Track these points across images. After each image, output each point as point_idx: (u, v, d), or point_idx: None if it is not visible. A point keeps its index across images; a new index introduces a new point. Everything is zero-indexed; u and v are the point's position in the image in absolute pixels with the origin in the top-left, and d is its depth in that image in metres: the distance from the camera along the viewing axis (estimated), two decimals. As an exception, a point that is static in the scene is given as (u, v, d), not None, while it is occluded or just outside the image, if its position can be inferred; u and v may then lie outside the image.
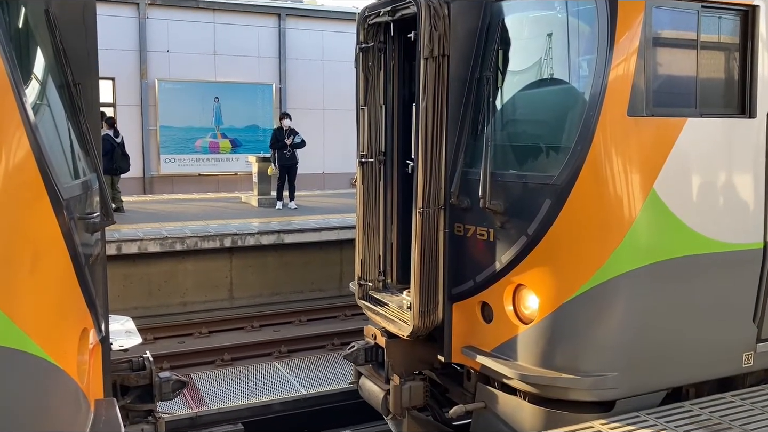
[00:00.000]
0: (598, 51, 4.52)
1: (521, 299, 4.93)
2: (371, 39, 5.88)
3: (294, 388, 8.81)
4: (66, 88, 3.98)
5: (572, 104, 4.74)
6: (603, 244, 4.59)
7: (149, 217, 14.43)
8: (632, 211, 4.56)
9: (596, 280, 4.59)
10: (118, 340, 4.98)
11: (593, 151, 4.49)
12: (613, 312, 4.69)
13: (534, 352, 4.84)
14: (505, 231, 4.88)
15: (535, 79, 5.02)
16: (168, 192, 19.78)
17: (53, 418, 3.34)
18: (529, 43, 5.12)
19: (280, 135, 15.46)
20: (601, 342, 4.71)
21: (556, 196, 4.59)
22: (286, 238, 13.04)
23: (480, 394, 5.32)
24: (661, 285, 4.74)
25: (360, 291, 6.09)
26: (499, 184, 4.86)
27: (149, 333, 11.07)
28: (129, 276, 12.36)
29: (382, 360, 5.85)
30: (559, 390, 4.77)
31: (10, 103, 3.00)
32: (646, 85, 4.56)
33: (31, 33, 3.71)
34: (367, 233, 6.04)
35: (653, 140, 4.61)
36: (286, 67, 21.29)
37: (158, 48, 19.78)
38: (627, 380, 4.72)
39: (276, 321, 12.07)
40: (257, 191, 16.26)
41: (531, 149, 5.02)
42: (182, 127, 20.11)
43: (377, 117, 5.98)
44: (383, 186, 6.05)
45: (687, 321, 4.87)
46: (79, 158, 4.00)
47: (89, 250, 3.88)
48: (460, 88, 5.14)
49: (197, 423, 8.03)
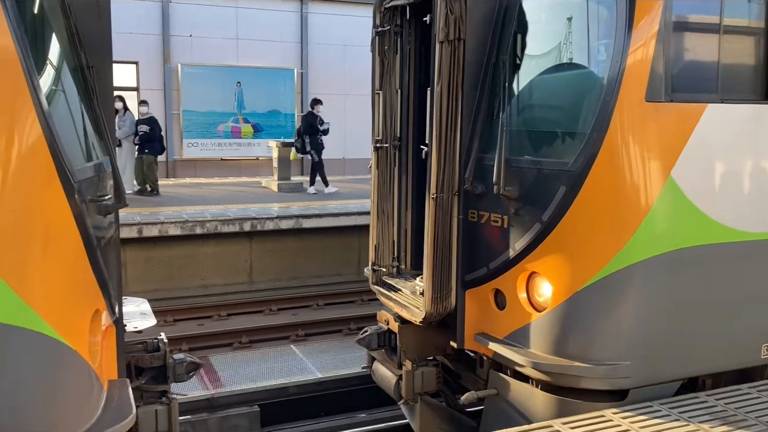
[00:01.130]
0: (616, 35, 4.43)
1: (535, 287, 4.89)
2: (388, 23, 5.82)
3: (310, 371, 8.86)
4: (80, 71, 4.00)
5: (589, 89, 4.66)
6: (618, 232, 4.52)
7: (171, 201, 14.57)
8: (649, 198, 4.49)
9: (611, 269, 4.53)
10: (132, 321, 5.02)
11: (609, 138, 4.41)
12: (628, 301, 4.62)
13: (547, 340, 4.80)
14: (519, 218, 4.83)
15: (552, 63, 4.94)
16: (190, 176, 19.95)
17: (65, 397, 3.39)
18: (547, 27, 5.03)
19: (314, 120, 15.49)
20: (614, 331, 4.65)
21: (571, 183, 4.52)
22: (305, 222, 13.09)
23: (492, 381, 5.29)
24: (678, 274, 4.66)
25: (374, 276, 6.08)
26: (513, 170, 4.80)
27: (169, 315, 11.24)
28: (150, 258, 12.49)
29: (394, 345, 5.85)
30: (571, 378, 4.73)
31: (22, 87, 3.02)
32: (665, 70, 4.46)
33: (45, 16, 3.72)
34: (381, 219, 6.02)
35: (671, 126, 4.52)
36: (308, 51, 21.26)
37: (181, 32, 19.85)
38: (640, 369, 4.67)
39: (294, 305, 12.14)
40: (277, 176, 16.32)
41: (546, 135, 4.96)
42: (204, 112, 20.22)
43: (393, 102, 5.93)
44: (398, 171, 6.01)
45: (704, 311, 4.79)
46: (92, 141, 4.02)
47: (101, 232, 3.90)
48: (476, 73, 5.08)
49: (214, 404, 8.10)
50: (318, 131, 15.47)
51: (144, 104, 15.56)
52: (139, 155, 15.12)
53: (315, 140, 15.52)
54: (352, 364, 8.84)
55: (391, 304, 5.79)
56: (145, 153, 15.03)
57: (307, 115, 15.87)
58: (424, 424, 5.95)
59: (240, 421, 8.03)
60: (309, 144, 15.59)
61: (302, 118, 15.90)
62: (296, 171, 20.57)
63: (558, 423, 4.33)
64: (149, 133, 14.89)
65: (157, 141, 15.14)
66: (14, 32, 2.99)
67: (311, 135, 15.53)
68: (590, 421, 4.35)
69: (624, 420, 4.34)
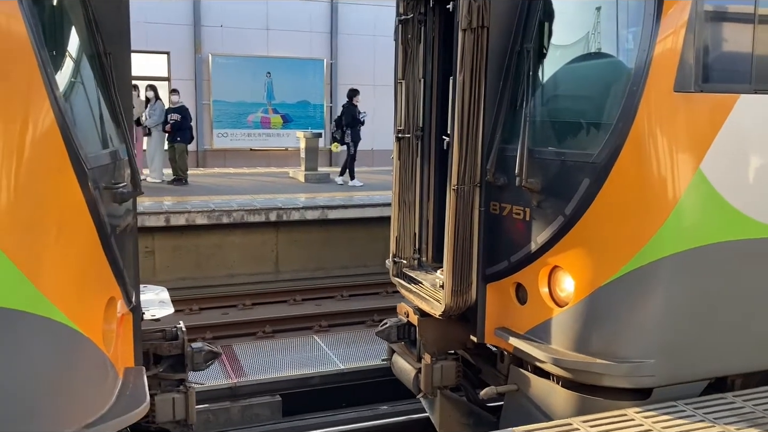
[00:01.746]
0: (644, 23, 4.28)
1: (557, 281, 4.78)
2: (411, 11, 5.73)
3: (332, 362, 8.84)
4: (97, 59, 3.98)
5: (615, 79, 4.51)
6: (643, 227, 4.39)
7: (199, 190, 14.68)
8: (676, 192, 4.34)
9: (635, 264, 4.40)
10: (150, 309, 5.03)
11: (635, 129, 4.28)
12: (653, 297, 4.49)
13: (568, 335, 4.68)
14: (542, 210, 4.72)
15: (578, 52, 4.80)
16: (220, 166, 20.08)
17: (77, 383, 3.39)
18: (573, 14, 4.89)
19: (355, 112, 15.42)
20: (638, 328, 4.52)
21: (596, 175, 4.39)
22: (330, 213, 13.07)
23: (512, 376, 5.20)
24: (706, 270, 4.51)
25: (394, 268, 6.02)
26: (536, 161, 4.68)
27: (194, 303, 11.32)
28: (178, 247, 12.59)
29: (414, 338, 5.78)
30: (593, 375, 4.61)
31: (35, 74, 3.01)
32: (695, 59, 4.30)
33: (61, 4, 3.71)
34: (402, 210, 5.95)
35: (701, 118, 4.36)
36: (337, 42, 21.22)
37: (212, 23, 19.95)
38: (665, 368, 4.53)
39: (319, 295, 12.13)
40: (304, 167, 16.33)
41: (571, 125, 4.83)
42: (235, 102, 20.32)
43: (415, 91, 5.84)
44: (420, 162, 5.93)
45: (733, 308, 4.63)
46: (108, 129, 4.00)
47: (117, 220, 3.89)
48: (500, 62, 4.96)
49: (236, 393, 8.15)
50: (359, 122, 15.42)
51: (175, 93, 15.67)
52: (171, 144, 15.24)
53: (356, 132, 15.46)
54: (375, 356, 8.80)
55: (411, 296, 5.73)
56: (177, 141, 15.15)
57: (349, 107, 15.69)
58: (444, 419, 5.89)
59: (262, 410, 8.06)
60: (350, 135, 15.51)
61: (344, 109, 15.74)
62: (324, 162, 20.60)
63: (577, 421, 4.22)
64: (180, 122, 15.00)
65: (187, 130, 15.24)
66: (28, 19, 2.98)
67: (353, 127, 15.45)
68: (611, 419, 4.23)
69: (646, 420, 4.22)
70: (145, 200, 13.03)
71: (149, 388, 4.80)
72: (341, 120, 15.80)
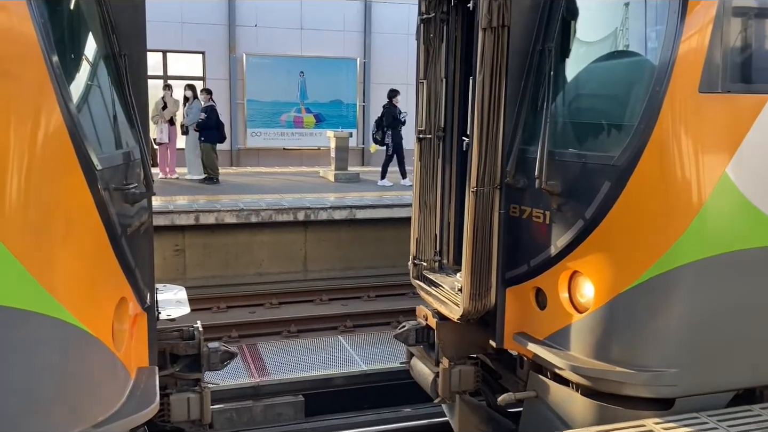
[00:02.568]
0: (668, 21, 4.14)
1: (577, 286, 4.66)
2: (433, 9, 5.65)
3: (356, 363, 8.82)
4: (112, 59, 4.00)
5: (638, 79, 4.38)
6: (666, 231, 4.25)
7: (230, 189, 14.83)
8: (700, 196, 4.19)
9: (658, 269, 4.26)
10: (167, 309, 5.04)
11: (658, 131, 4.14)
12: (676, 304, 4.34)
13: (588, 342, 4.56)
14: (562, 214, 4.60)
15: (601, 51, 4.67)
16: (253, 165, 20.24)
17: (86, 383, 3.40)
18: (595, 13, 4.77)
19: (396, 112, 15.37)
20: (660, 335, 4.38)
21: (616, 178, 4.26)
22: (358, 213, 13.06)
23: (532, 382, 5.09)
24: (733, 277, 4.35)
25: (414, 270, 5.95)
26: (557, 163, 4.57)
27: (222, 302, 11.44)
28: (208, 245, 12.72)
29: (433, 341, 5.70)
30: (612, 384, 4.48)
31: (44, 75, 3.00)
32: (722, 59, 4.14)
33: (75, 4, 3.72)
34: (423, 211, 5.87)
35: (728, 119, 4.20)
36: (371, 41, 21.21)
37: (247, 23, 20.11)
38: (688, 378, 4.39)
39: (345, 295, 12.16)
40: (334, 166, 16.35)
41: (592, 127, 4.70)
42: (268, 101, 20.46)
43: (437, 91, 5.76)
44: (441, 163, 5.84)
45: (760, 317, 4.46)
46: (121, 129, 4.01)
47: (128, 220, 3.89)
48: (521, 61, 4.85)
49: (259, 392, 8.17)
50: (400, 123, 15.36)
51: (204, 92, 15.84)
52: (200, 143, 15.43)
53: (397, 132, 15.40)
54: (398, 358, 8.69)
55: (430, 299, 5.66)
56: (202, 141, 15.33)
57: (389, 107, 15.62)
58: (463, 423, 5.80)
59: (285, 409, 8.06)
60: (391, 136, 15.45)
61: (384, 110, 15.67)
62: (356, 161, 20.60)
63: (594, 431, 4.11)
64: (205, 121, 15.15)
65: (213, 129, 15.36)
66: (36, 19, 2.98)
67: (394, 128, 15.40)
68: (630, 430, 4.11)
69: (667, 431, 4.09)
70: (176, 199, 13.19)
71: (166, 388, 4.83)
72: (382, 120, 15.74)
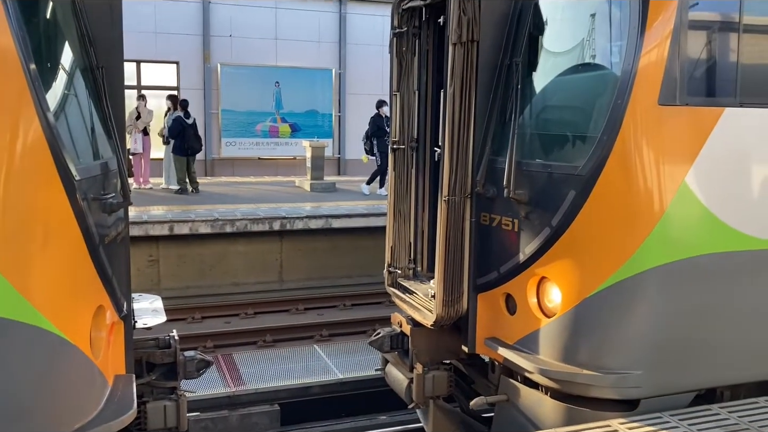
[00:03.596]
0: (628, 35, 4.32)
1: (545, 292, 4.81)
2: (405, 24, 5.80)
3: (332, 371, 8.89)
4: (89, 71, 4.07)
5: (600, 92, 4.55)
6: (628, 239, 4.41)
7: (205, 199, 14.80)
8: (661, 205, 4.36)
9: (621, 275, 4.43)
10: (143, 318, 5.10)
11: (620, 141, 4.31)
12: (639, 308, 4.51)
13: (556, 346, 4.71)
14: (530, 222, 4.76)
15: (565, 65, 4.86)
16: (228, 175, 20.22)
17: (63, 390, 3.45)
18: (560, 28, 4.95)
19: (382, 122, 15.50)
20: (624, 339, 4.54)
21: (581, 187, 4.43)
22: (334, 222, 13.12)
23: (503, 386, 5.23)
24: (694, 282, 4.53)
25: (389, 278, 6.07)
26: (524, 173, 4.73)
27: (197, 312, 11.42)
28: (183, 256, 12.67)
29: (407, 348, 5.81)
30: (580, 386, 4.63)
31: (22, 86, 3.07)
32: (680, 72, 4.33)
33: (51, 17, 3.78)
34: (397, 220, 6.00)
35: (686, 131, 4.39)
36: (346, 52, 21.37)
37: (221, 33, 20.15)
38: (652, 379, 4.55)
39: (321, 304, 12.18)
40: (310, 176, 16.43)
41: (557, 138, 4.87)
42: (243, 111, 20.50)
43: (410, 103, 5.91)
44: (415, 173, 5.98)
45: (720, 320, 4.64)
46: (99, 140, 4.08)
47: (106, 230, 3.96)
48: (490, 75, 5.02)
49: (235, 402, 8.22)
50: (386, 133, 15.51)
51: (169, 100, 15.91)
52: None
53: (382, 142, 15.55)
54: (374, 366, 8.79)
55: (404, 306, 5.78)
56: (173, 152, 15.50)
57: (375, 117, 15.79)
58: (437, 429, 5.91)
59: (260, 419, 8.10)
60: (376, 146, 15.62)
61: (370, 120, 15.86)
62: (331, 171, 20.68)
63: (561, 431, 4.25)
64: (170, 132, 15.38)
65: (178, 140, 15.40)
66: (15, 32, 3.04)
67: (379, 137, 15.54)
68: (597, 430, 4.26)
69: (632, 431, 4.24)
70: (151, 209, 13.16)
71: (142, 396, 4.87)
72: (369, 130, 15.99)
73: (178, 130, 15.28)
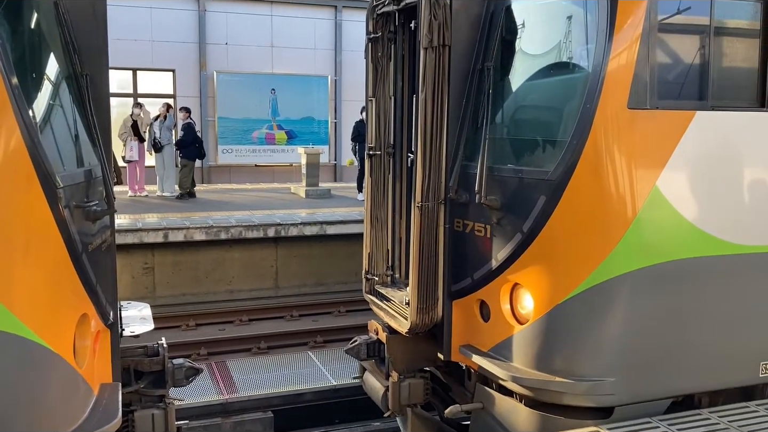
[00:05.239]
0: (597, 39, 4.28)
1: (518, 298, 4.76)
2: (380, 29, 5.77)
3: (326, 378, 8.83)
4: (74, 79, 4.04)
5: (570, 96, 4.51)
6: (599, 244, 4.36)
7: (201, 206, 14.79)
8: (631, 209, 4.31)
9: (592, 281, 4.38)
10: (131, 326, 5.06)
11: (589, 146, 4.27)
12: (611, 315, 4.45)
13: (528, 353, 4.66)
14: (501, 227, 4.71)
15: (536, 70, 4.82)
16: (225, 182, 20.22)
17: (46, 398, 3.40)
18: (530, 32, 4.90)
19: (363, 128, 15.51)
20: (597, 346, 4.49)
21: (551, 192, 4.38)
22: (329, 229, 13.09)
23: (478, 394, 5.17)
24: (667, 287, 4.47)
25: (367, 285, 6.03)
26: (495, 178, 4.69)
27: (191, 319, 11.39)
28: (179, 263, 12.65)
29: (384, 356, 5.77)
30: (553, 394, 4.58)
31: (1, 96, 3.03)
32: (650, 76, 4.28)
33: (33, 25, 3.75)
34: (375, 227, 5.96)
35: (656, 135, 4.33)
36: (341, 59, 21.37)
37: (217, 40, 20.19)
38: (626, 386, 4.49)
39: (316, 311, 12.15)
40: (305, 182, 16.42)
41: (528, 142, 4.83)
42: (239, 119, 20.50)
43: (386, 108, 5.88)
44: (392, 179, 5.95)
45: (695, 326, 4.58)
46: (82, 147, 4.04)
47: (90, 238, 3.93)
48: (462, 80, 4.98)
49: (228, 409, 8.15)
50: None
51: (182, 111, 16.01)
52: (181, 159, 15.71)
53: (363, 147, 15.53)
54: (368, 373, 8.79)
55: (381, 313, 5.73)
56: (181, 158, 15.59)
57: (357, 122, 15.85)
58: (415, 436, 5.86)
59: (254, 426, 8.03)
60: (358, 151, 15.67)
61: (354, 125, 15.93)
62: (328, 178, 20.65)
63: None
64: (183, 138, 15.43)
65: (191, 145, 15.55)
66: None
67: (360, 143, 15.56)
68: (580, 437, 4.20)
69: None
70: (146, 216, 13.16)
71: (131, 404, 4.84)
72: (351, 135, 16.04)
73: (192, 136, 15.39)
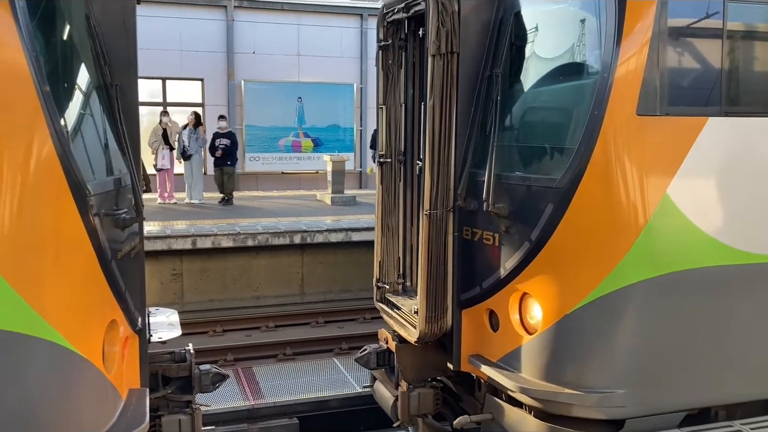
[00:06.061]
0: (605, 45, 4.20)
1: (527, 308, 4.68)
2: (391, 36, 5.76)
3: (351, 385, 8.81)
4: (104, 89, 4.11)
5: (578, 103, 4.42)
6: (608, 253, 4.27)
7: (228, 213, 14.93)
8: (641, 217, 4.20)
9: (601, 291, 4.28)
10: (158, 332, 5.11)
11: (597, 153, 4.18)
12: (622, 325, 4.35)
13: (537, 364, 4.58)
14: (510, 236, 4.64)
15: (544, 76, 4.75)
16: (252, 189, 20.40)
17: (76, 404, 3.45)
18: (540, 39, 4.82)
19: None
20: (607, 356, 4.39)
21: (559, 200, 4.31)
22: (354, 236, 13.09)
23: (488, 405, 5.10)
24: (680, 297, 4.35)
25: (377, 293, 6.00)
26: (503, 186, 4.63)
27: (219, 325, 11.50)
28: (206, 269, 12.77)
29: (393, 364, 5.73)
30: (562, 406, 4.49)
31: (35, 103, 3.10)
32: (659, 81, 4.18)
33: (66, 36, 3.82)
34: (386, 234, 5.94)
35: (667, 141, 4.23)
36: (367, 66, 21.41)
37: (245, 49, 20.41)
38: (637, 398, 4.38)
39: (342, 317, 12.14)
40: (331, 189, 16.47)
41: (536, 150, 4.75)
42: (267, 127, 20.67)
43: (397, 116, 5.85)
44: (403, 187, 5.91)
45: (709, 337, 4.45)
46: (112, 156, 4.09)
47: (119, 245, 3.98)
48: (471, 87, 4.93)
49: (254, 415, 8.17)
50: None
51: (222, 119, 16.46)
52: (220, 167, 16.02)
53: None
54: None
55: (391, 322, 5.70)
56: (227, 165, 15.99)
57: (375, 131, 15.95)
58: (427, 447, 5.80)
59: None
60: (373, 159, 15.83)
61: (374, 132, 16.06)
62: (353, 185, 20.70)
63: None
64: (230, 146, 15.80)
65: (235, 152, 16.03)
66: (28, 51, 3.09)
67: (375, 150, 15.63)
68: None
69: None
70: (175, 224, 13.33)
71: (158, 410, 4.89)
72: None
73: (235, 144, 15.61)
